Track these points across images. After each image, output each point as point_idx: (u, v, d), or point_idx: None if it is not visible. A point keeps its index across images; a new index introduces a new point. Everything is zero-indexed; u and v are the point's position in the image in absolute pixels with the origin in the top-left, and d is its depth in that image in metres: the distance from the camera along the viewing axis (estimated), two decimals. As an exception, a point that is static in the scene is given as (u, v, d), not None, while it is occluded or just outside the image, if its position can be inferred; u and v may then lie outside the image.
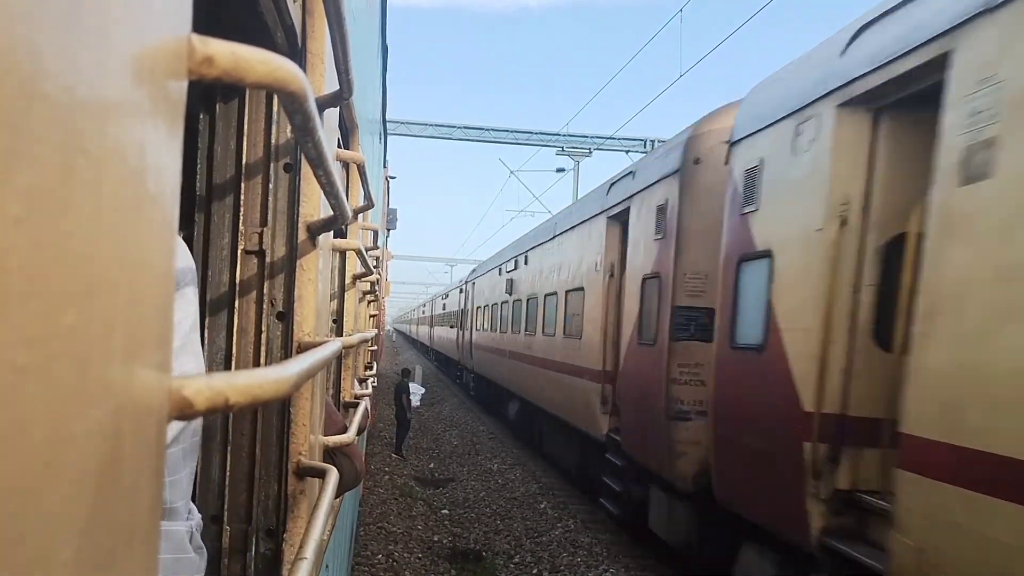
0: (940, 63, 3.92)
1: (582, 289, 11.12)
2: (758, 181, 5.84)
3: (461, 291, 28.22)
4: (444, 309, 38.50)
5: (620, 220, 9.78)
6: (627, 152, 28.75)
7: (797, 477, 5.04)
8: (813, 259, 4.99)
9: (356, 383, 4.26)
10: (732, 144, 6.38)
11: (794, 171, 5.33)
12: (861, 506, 4.75)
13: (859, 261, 4.74)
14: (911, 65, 4.19)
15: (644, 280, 8.40)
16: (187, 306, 1.18)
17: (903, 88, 4.40)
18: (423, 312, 60.73)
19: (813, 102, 5.14)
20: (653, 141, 28.64)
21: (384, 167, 11.13)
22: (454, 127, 30.11)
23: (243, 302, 1.88)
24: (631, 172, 9.58)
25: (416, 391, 16.70)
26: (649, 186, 8.51)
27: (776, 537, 5.59)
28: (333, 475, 1.68)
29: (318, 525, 1.26)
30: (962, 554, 3.53)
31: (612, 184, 10.26)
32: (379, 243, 7.81)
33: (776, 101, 5.73)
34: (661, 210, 8.04)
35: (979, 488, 3.42)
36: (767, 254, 5.63)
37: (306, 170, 1.79)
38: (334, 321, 3.27)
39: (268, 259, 1.87)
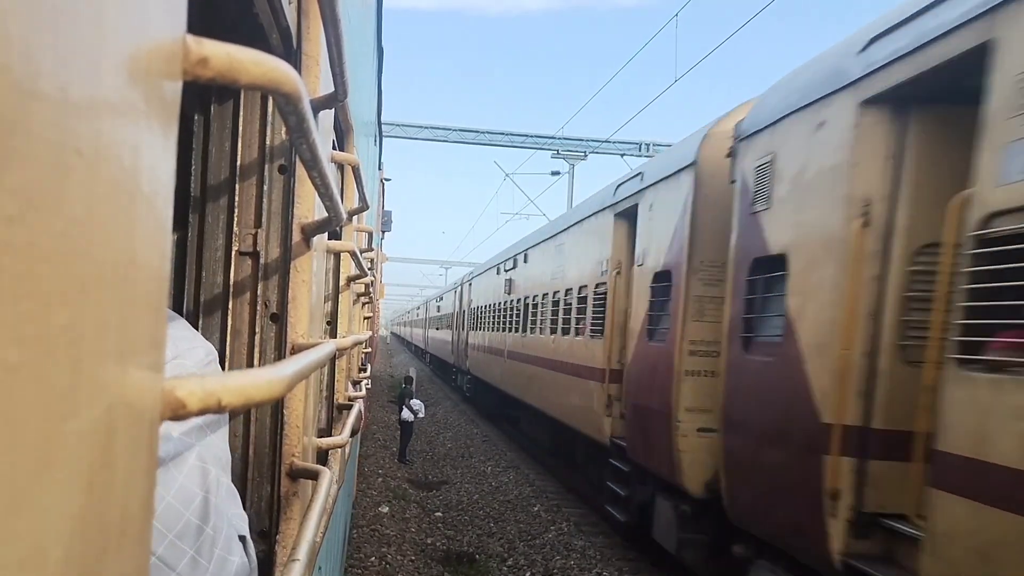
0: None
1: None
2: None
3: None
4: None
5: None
6: (622, 156, 28.76)
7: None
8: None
9: (350, 385, 4.26)
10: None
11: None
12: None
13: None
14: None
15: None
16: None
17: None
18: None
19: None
20: (649, 144, 28.66)
21: (379, 169, 11.13)
22: (450, 129, 30.11)
23: (237, 303, 1.87)
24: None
25: (418, 407, 16.39)
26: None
27: None
28: (326, 477, 1.68)
29: (311, 527, 1.26)
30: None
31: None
32: (374, 245, 7.80)
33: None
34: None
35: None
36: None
37: (301, 172, 1.79)
38: (328, 323, 3.27)
39: (262, 260, 1.87)
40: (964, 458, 3.66)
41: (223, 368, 1.85)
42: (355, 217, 3.46)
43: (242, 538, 1.11)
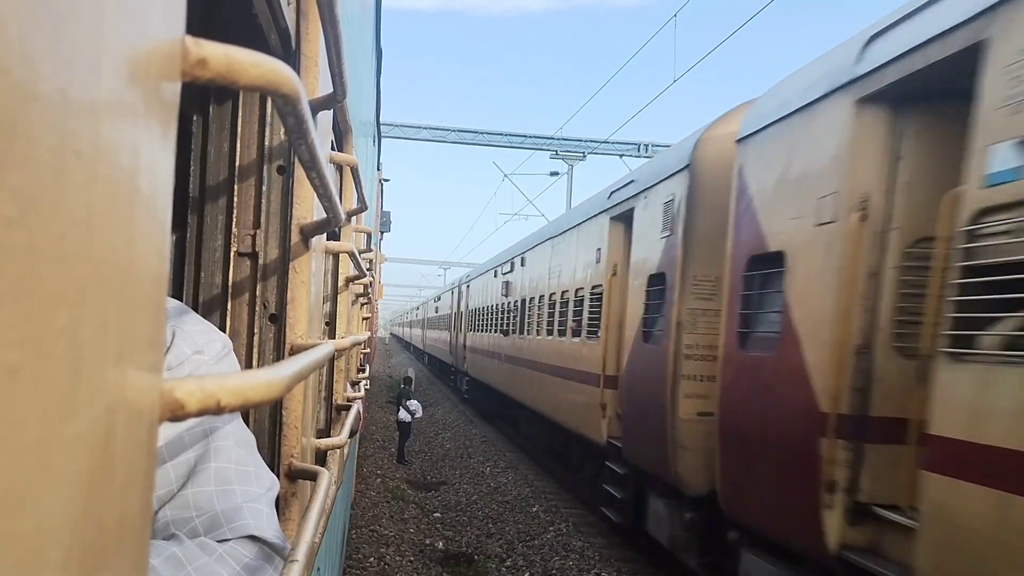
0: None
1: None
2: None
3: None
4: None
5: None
6: (621, 156, 28.78)
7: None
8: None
9: (348, 386, 4.26)
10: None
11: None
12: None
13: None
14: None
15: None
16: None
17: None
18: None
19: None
20: (647, 145, 28.67)
21: (378, 169, 11.13)
22: (448, 130, 30.10)
23: (235, 304, 1.87)
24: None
25: (415, 407, 16.35)
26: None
27: None
28: (325, 477, 1.68)
29: (309, 527, 1.26)
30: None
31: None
32: (372, 245, 7.80)
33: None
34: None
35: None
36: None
37: (299, 172, 1.79)
38: (327, 324, 3.26)
39: (261, 261, 1.87)
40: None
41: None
42: (354, 218, 3.45)
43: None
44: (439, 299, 41.41)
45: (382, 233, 17.78)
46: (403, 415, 15.93)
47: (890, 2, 5.07)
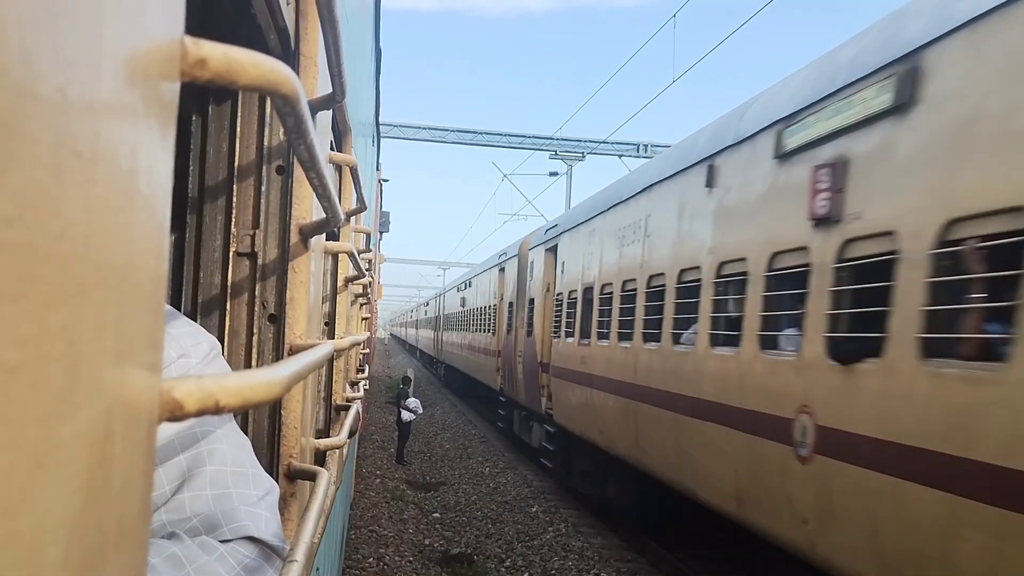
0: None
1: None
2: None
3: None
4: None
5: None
6: (620, 156, 28.77)
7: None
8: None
9: (348, 386, 4.26)
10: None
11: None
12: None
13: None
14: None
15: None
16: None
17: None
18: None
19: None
20: (647, 145, 28.69)
21: (377, 170, 11.12)
22: (448, 130, 30.11)
23: (235, 304, 1.87)
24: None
25: (415, 406, 16.31)
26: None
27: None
28: (324, 477, 1.67)
29: (308, 528, 1.26)
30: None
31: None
32: (371, 246, 7.80)
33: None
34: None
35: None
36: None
37: (299, 172, 1.79)
38: (326, 324, 3.26)
39: (260, 261, 1.87)
40: None
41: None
42: (353, 218, 3.46)
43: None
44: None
45: (381, 233, 17.76)
46: (405, 416, 15.92)
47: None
